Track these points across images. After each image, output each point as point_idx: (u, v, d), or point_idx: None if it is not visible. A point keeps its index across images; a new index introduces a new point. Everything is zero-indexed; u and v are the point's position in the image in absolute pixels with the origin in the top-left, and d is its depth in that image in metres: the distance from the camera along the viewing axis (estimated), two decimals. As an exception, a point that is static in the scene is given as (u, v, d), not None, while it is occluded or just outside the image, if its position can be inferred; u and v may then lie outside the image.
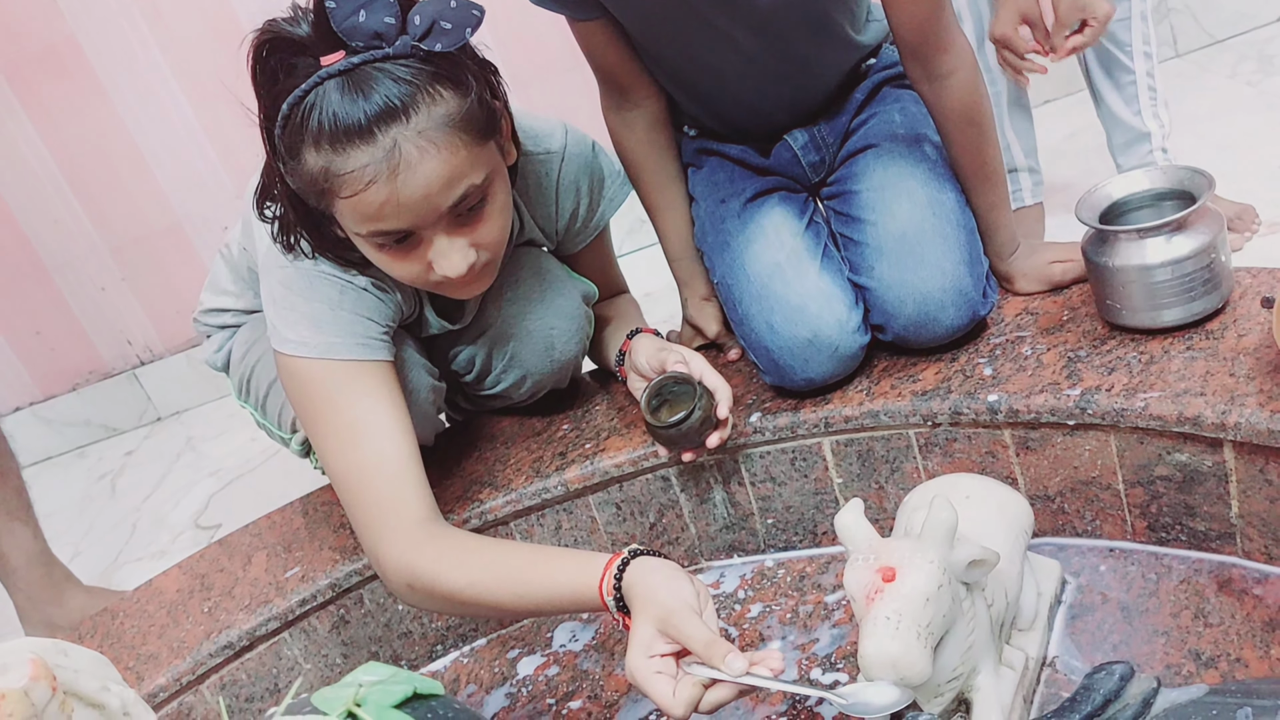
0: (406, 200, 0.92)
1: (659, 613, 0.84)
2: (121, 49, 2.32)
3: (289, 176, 0.95)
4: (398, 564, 0.99)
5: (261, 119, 0.96)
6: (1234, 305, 1.02)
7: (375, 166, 0.90)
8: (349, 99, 0.89)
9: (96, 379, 2.60)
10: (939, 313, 1.09)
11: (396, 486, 1.01)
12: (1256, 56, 2.33)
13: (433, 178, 0.92)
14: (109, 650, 1.19)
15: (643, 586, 0.87)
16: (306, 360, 1.04)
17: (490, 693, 1.16)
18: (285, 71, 0.92)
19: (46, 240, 2.47)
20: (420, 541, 0.99)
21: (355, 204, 0.92)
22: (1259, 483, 0.91)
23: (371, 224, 0.94)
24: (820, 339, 1.10)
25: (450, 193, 0.94)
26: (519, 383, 1.25)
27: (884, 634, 0.76)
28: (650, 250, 1.64)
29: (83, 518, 2.25)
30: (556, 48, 2.28)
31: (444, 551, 0.98)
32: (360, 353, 1.04)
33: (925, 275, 1.09)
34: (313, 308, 1.05)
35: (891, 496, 1.14)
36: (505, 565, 0.96)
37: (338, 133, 0.89)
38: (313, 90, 0.90)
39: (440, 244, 0.97)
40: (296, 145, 0.92)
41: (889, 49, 1.26)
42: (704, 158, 1.27)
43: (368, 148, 0.90)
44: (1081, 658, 0.94)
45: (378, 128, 0.89)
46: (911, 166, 1.15)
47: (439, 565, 0.97)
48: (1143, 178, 1.08)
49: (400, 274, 1.00)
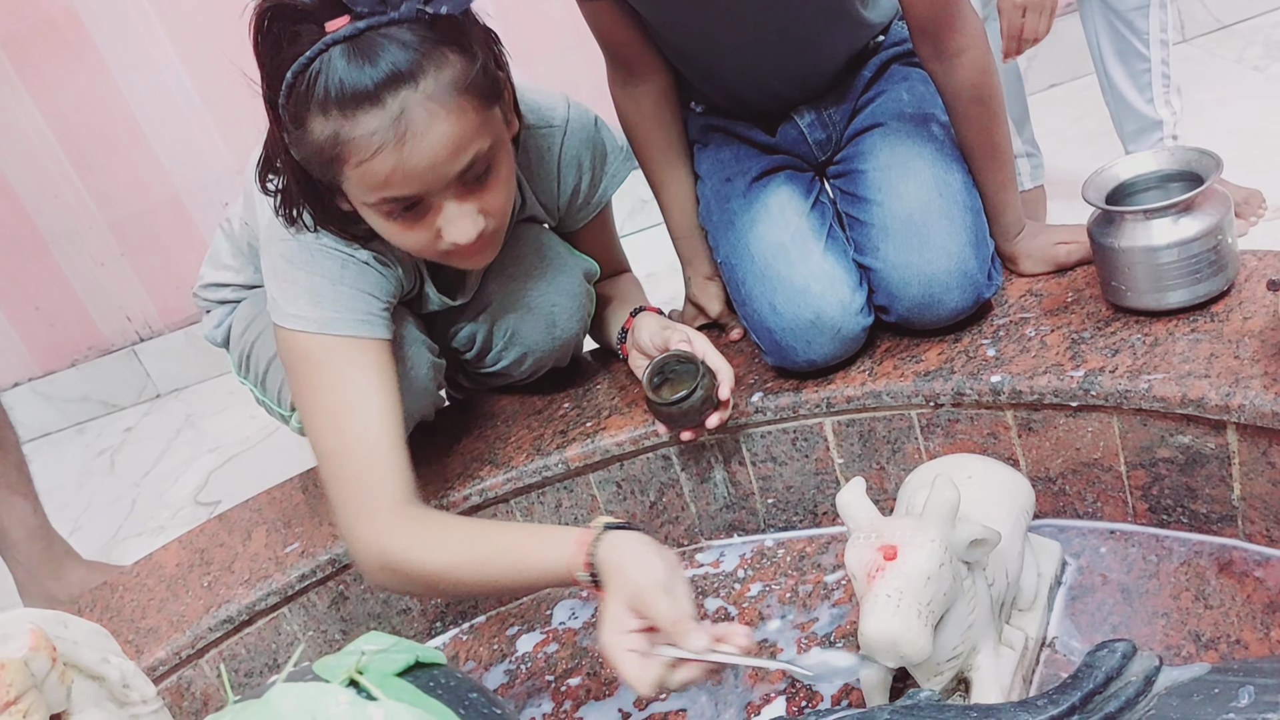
0: (415, 166, 0.91)
1: (629, 589, 0.85)
2: (121, 21, 2.30)
3: (294, 147, 0.95)
4: (371, 546, 0.99)
5: (265, 89, 0.95)
6: (1239, 288, 1.01)
7: (383, 132, 0.89)
8: (355, 65, 0.88)
9: (96, 355, 2.60)
10: (944, 295, 1.09)
11: (378, 467, 1.01)
12: (1264, 42, 2.32)
13: (441, 143, 0.91)
14: (109, 624, 1.19)
15: (615, 562, 0.87)
16: (304, 335, 1.03)
17: (489, 669, 1.16)
18: (289, 39, 0.91)
19: (45, 215, 2.46)
20: (396, 524, 0.99)
21: (364, 171, 0.92)
22: (1261, 465, 0.91)
23: (380, 191, 0.93)
24: (823, 320, 1.10)
25: (459, 158, 0.93)
26: (520, 360, 1.25)
27: (885, 612, 0.76)
28: (653, 230, 1.64)
29: (82, 493, 2.25)
30: (560, 25, 2.27)
31: (419, 533, 0.98)
32: (359, 329, 1.04)
33: (930, 257, 1.09)
34: (313, 282, 1.04)
35: (893, 477, 1.14)
36: (480, 545, 0.97)
37: (345, 99, 0.89)
38: (318, 57, 0.89)
39: (449, 210, 0.96)
40: (302, 113, 0.91)
41: (898, 25, 1.25)
42: (710, 134, 1.27)
43: (376, 113, 0.89)
44: (1081, 639, 0.94)
45: (386, 93, 0.89)
46: (919, 146, 1.14)
47: (414, 547, 0.97)
48: (1150, 159, 1.07)
49: (408, 243, 1.00)
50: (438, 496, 1.19)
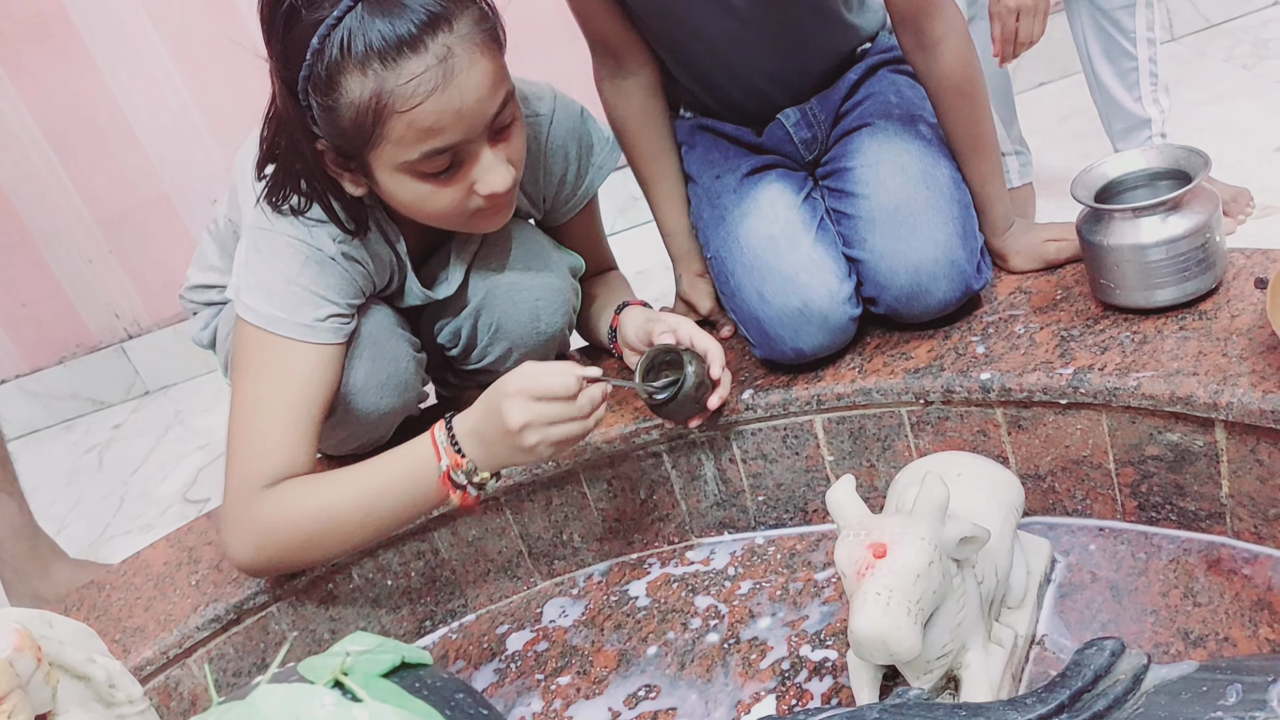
0: (464, 104, 0.93)
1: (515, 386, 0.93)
2: (110, 17, 2.29)
3: (323, 116, 0.94)
4: (237, 525, 1.03)
5: (278, 63, 0.94)
6: (1227, 286, 1.02)
7: (431, 73, 0.91)
8: (388, 17, 0.90)
9: (84, 352, 2.58)
10: (931, 284, 1.09)
11: (268, 459, 1.03)
12: (1252, 40, 2.33)
13: (484, 79, 0.94)
14: (95, 623, 1.18)
15: (481, 401, 0.97)
16: (248, 325, 1.05)
17: (479, 668, 1.16)
18: (306, 5, 0.91)
19: (33, 212, 2.45)
20: (252, 499, 1.02)
21: (411, 120, 0.92)
22: (1250, 463, 0.91)
23: (424, 142, 0.94)
24: (810, 308, 1.10)
25: (496, 97, 0.96)
26: (505, 356, 1.24)
27: (874, 610, 0.76)
28: (644, 228, 1.63)
29: (70, 491, 2.24)
30: (549, 19, 2.26)
31: (270, 492, 1.01)
32: (300, 333, 1.05)
33: (917, 245, 1.09)
34: (269, 277, 1.05)
35: (883, 474, 1.14)
36: (339, 480, 1.02)
37: (388, 49, 0.90)
38: (346, 15, 0.90)
39: (486, 159, 0.99)
40: (336, 76, 0.91)
41: (886, 36, 1.26)
42: (698, 136, 1.27)
43: (420, 58, 0.91)
44: (1070, 636, 0.94)
45: (427, 37, 0.91)
46: (906, 143, 1.14)
47: (269, 504, 1.01)
48: (1138, 157, 1.07)
49: (440, 205, 1.01)
50: (427, 494, 1.18)
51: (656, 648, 1.10)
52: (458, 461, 0.98)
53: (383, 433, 1.21)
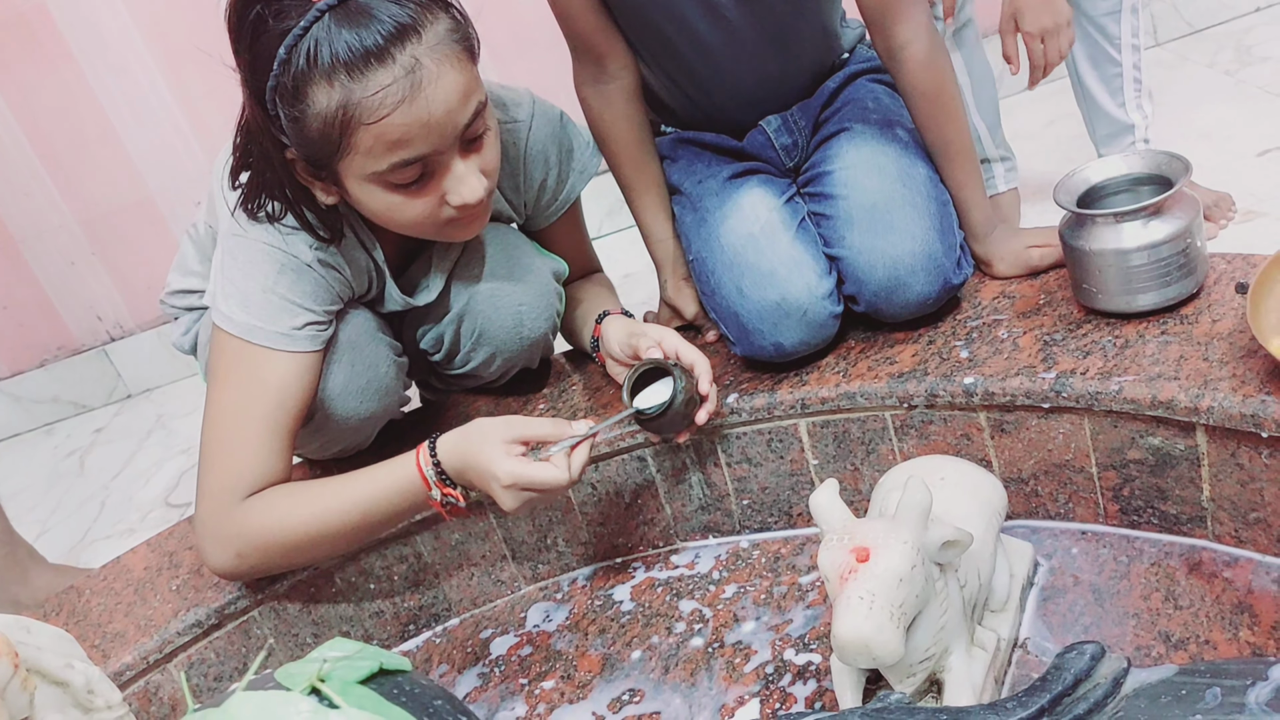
0: (432, 115, 0.92)
1: (497, 429, 0.96)
2: (92, 18, 2.27)
3: (291, 127, 0.94)
4: (217, 534, 1.02)
5: (246, 73, 0.94)
6: (1209, 290, 1.02)
7: (399, 84, 0.90)
8: (356, 27, 0.89)
9: (65, 355, 2.56)
10: (909, 277, 1.09)
11: (244, 468, 1.03)
12: (1235, 46, 2.34)
13: (453, 90, 0.93)
14: (75, 628, 1.17)
15: (462, 434, 0.98)
16: (224, 334, 1.05)
17: (463, 672, 1.15)
18: (274, 15, 0.90)
19: (14, 213, 2.43)
20: (233, 508, 1.02)
21: (379, 132, 0.91)
22: (1230, 466, 0.92)
23: (393, 154, 0.93)
24: (789, 302, 1.10)
25: (466, 108, 0.95)
26: (488, 361, 1.24)
27: (857, 614, 0.76)
28: (630, 231, 1.63)
29: (50, 495, 2.22)
30: (533, 22, 2.26)
31: (254, 502, 1.02)
32: (278, 342, 1.04)
33: (895, 240, 1.10)
34: (245, 285, 1.05)
35: (867, 478, 1.14)
36: (322, 489, 1.02)
37: (355, 59, 0.89)
38: (313, 26, 0.89)
39: (457, 169, 0.98)
40: (303, 87, 0.90)
41: (864, 48, 1.29)
42: (680, 149, 1.28)
43: (387, 69, 0.90)
44: (1053, 639, 0.94)
45: (394, 48, 0.90)
46: (883, 145, 1.16)
47: (254, 515, 1.01)
48: (1120, 162, 1.08)
49: (412, 215, 1.00)
50: (410, 499, 1.18)
51: (641, 652, 1.09)
52: (447, 491, 1.01)
53: (364, 437, 1.20)
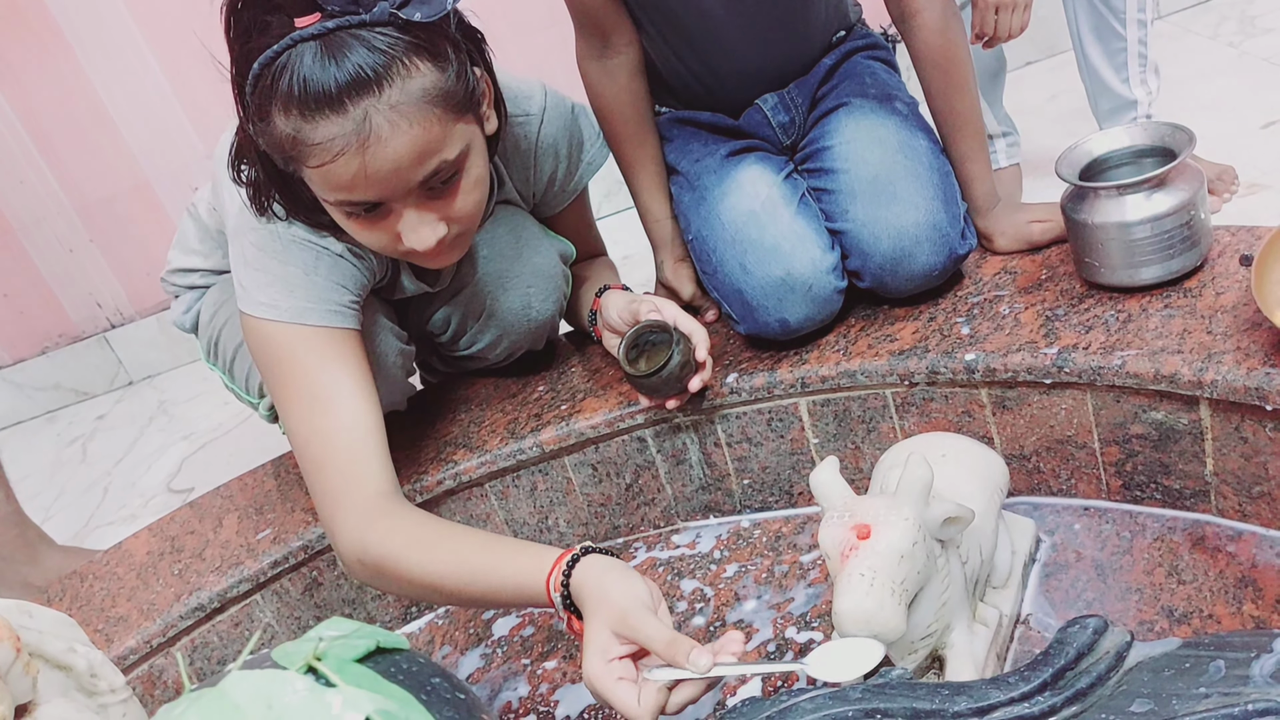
0: (375, 174, 0.89)
1: (613, 613, 0.80)
2: (86, 3, 2.26)
3: (259, 137, 0.92)
4: (350, 537, 0.96)
5: (233, 75, 0.93)
6: (1212, 263, 1.01)
7: (344, 139, 0.87)
8: (321, 64, 0.85)
9: (66, 342, 2.56)
10: (914, 248, 1.09)
11: (358, 458, 0.99)
12: (1238, 18, 2.32)
13: (403, 152, 0.89)
14: (78, 613, 1.17)
15: (594, 585, 0.82)
16: (276, 324, 1.01)
17: (465, 654, 1.15)
18: (259, 29, 0.88)
19: (12, 201, 2.42)
20: (375, 517, 0.96)
21: (323, 174, 0.89)
22: (1234, 440, 0.91)
23: (339, 194, 0.91)
24: (793, 277, 1.10)
25: (420, 168, 0.91)
26: (495, 343, 1.23)
27: (859, 591, 0.76)
28: (629, 213, 1.63)
29: (53, 482, 2.22)
30: (534, 3, 2.24)
31: (395, 530, 0.95)
32: (332, 319, 1.02)
33: (899, 210, 1.09)
34: (287, 271, 1.02)
35: (868, 456, 1.13)
36: (454, 550, 0.92)
37: (308, 100, 0.86)
38: (285, 52, 0.86)
39: (409, 218, 0.94)
40: (266, 107, 0.89)
41: (861, 26, 1.29)
42: (676, 129, 1.27)
43: (337, 119, 0.86)
44: (1055, 615, 0.94)
45: (348, 98, 0.86)
46: (882, 118, 1.15)
47: (388, 543, 0.94)
48: (1123, 134, 1.07)
49: (368, 242, 0.98)
50: (412, 481, 1.17)
51: (643, 632, 1.09)
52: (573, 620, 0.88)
53: None
